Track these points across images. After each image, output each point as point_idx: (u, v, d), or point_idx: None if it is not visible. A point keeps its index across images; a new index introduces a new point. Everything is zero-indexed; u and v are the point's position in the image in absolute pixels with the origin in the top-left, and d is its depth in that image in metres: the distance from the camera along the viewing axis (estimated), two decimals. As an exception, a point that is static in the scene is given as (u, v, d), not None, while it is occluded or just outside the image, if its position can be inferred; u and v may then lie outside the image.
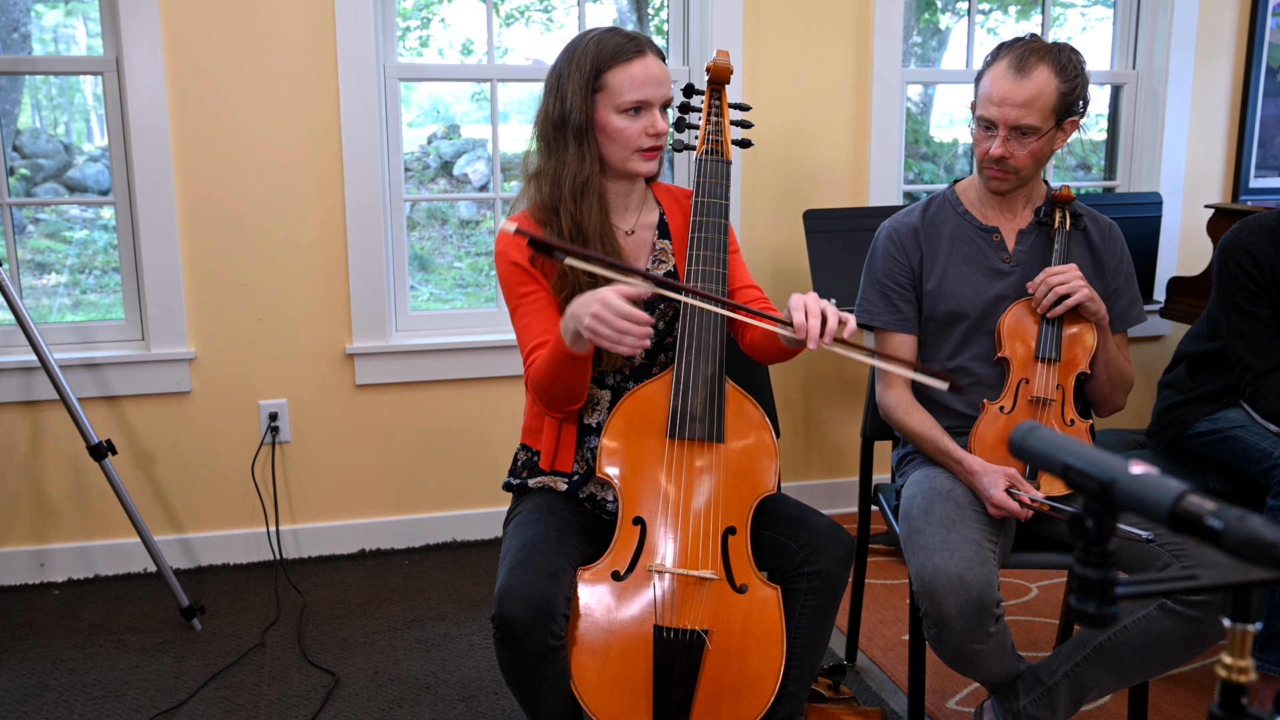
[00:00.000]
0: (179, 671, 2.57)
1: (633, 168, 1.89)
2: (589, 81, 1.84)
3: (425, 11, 3.83)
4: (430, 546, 3.34)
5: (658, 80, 1.85)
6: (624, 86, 1.83)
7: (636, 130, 1.85)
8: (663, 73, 1.87)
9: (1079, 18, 4.01)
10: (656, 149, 1.89)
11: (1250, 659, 0.77)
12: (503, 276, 1.91)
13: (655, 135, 1.86)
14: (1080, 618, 0.73)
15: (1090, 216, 2.19)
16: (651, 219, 2.00)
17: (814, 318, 1.64)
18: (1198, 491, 0.72)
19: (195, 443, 3.13)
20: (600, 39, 1.85)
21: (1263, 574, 0.69)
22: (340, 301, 3.16)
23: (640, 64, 1.84)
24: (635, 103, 1.83)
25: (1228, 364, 2.45)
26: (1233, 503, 2.27)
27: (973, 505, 1.99)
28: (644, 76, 1.83)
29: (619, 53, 1.83)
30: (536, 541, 1.78)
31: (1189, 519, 0.69)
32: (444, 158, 4.84)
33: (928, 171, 4.21)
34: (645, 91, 1.83)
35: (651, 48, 1.87)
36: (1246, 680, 0.76)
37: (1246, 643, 0.76)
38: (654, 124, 1.85)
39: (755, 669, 1.78)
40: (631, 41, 1.85)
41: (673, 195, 2.05)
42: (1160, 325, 3.83)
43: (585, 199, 1.87)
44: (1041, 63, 1.99)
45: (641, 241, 1.98)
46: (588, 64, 1.84)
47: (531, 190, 1.92)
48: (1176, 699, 2.45)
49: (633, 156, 1.87)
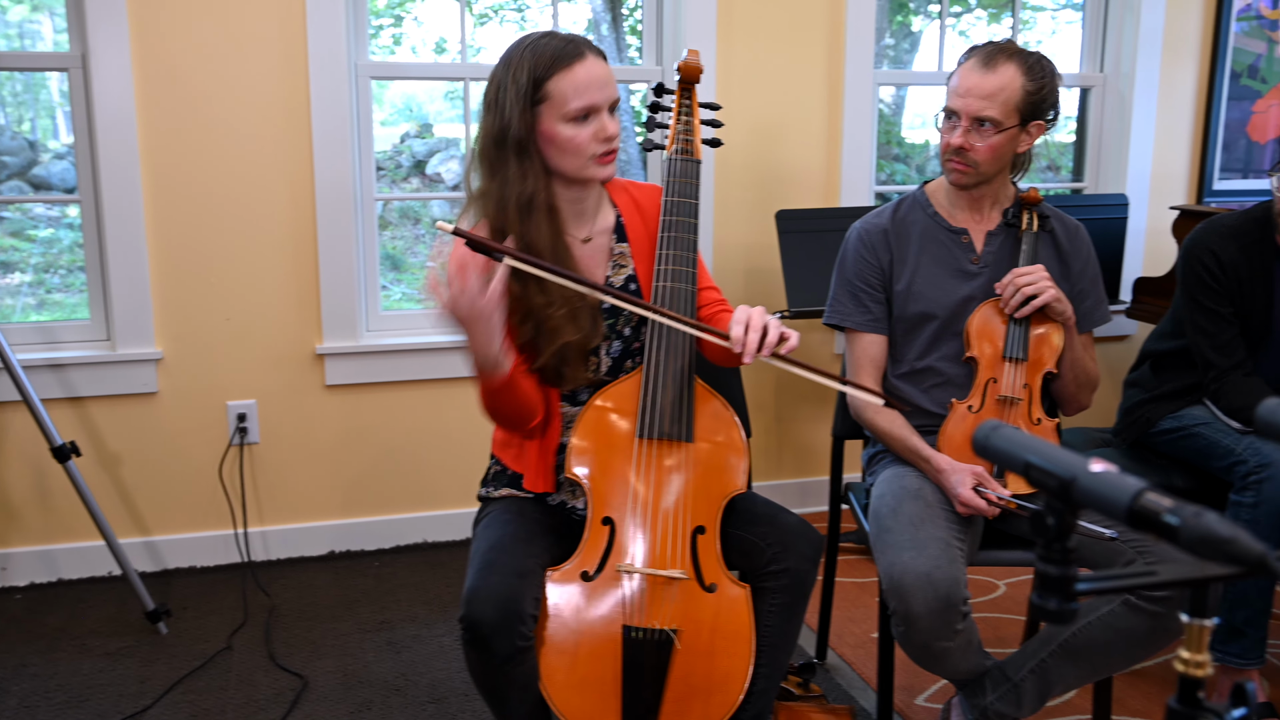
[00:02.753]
0: (144, 676, 2.54)
1: (590, 175, 1.83)
2: (528, 94, 1.76)
3: (398, 10, 3.81)
4: (401, 548, 3.32)
5: (601, 82, 1.78)
6: (568, 94, 1.76)
7: (587, 137, 1.78)
8: (605, 73, 1.80)
9: (1049, 21, 4.05)
10: (610, 153, 1.83)
11: (1207, 653, 0.78)
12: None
13: (607, 139, 1.80)
14: (1041, 614, 0.74)
15: (1057, 218, 2.21)
16: (608, 223, 1.96)
17: (753, 332, 1.65)
18: (1156, 489, 0.73)
19: (162, 444, 3.09)
20: (535, 46, 1.78)
21: (1219, 570, 0.70)
22: (310, 301, 3.14)
23: (582, 67, 1.76)
24: (582, 109, 1.76)
25: (1191, 362, 2.48)
26: (1197, 499, 2.29)
27: (941, 504, 2.00)
28: (587, 80, 1.76)
29: (558, 59, 1.76)
30: (505, 542, 1.77)
31: (1146, 516, 0.70)
32: (417, 156, 4.82)
33: (900, 172, 4.24)
34: (591, 96, 1.76)
35: (590, 48, 1.80)
36: (1204, 674, 0.77)
37: (1204, 637, 0.77)
38: (604, 128, 1.79)
39: (724, 668, 1.78)
40: (569, 45, 1.77)
41: (630, 195, 1.99)
42: (1126, 325, 3.87)
43: (532, 217, 1.80)
44: (1010, 60, 2.01)
45: (598, 248, 1.94)
46: (525, 75, 1.76)
47: (474, 211, 1.86)
48: (1140, 693, 2.48)
49: (588, 164, 1.81)
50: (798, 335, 1.69)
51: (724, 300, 2.00)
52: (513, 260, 1.66)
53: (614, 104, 1.82)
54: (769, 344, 1.65)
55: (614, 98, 1.82)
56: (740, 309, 1.70)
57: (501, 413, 1.82)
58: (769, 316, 1.68)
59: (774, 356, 1.68)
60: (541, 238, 1.81)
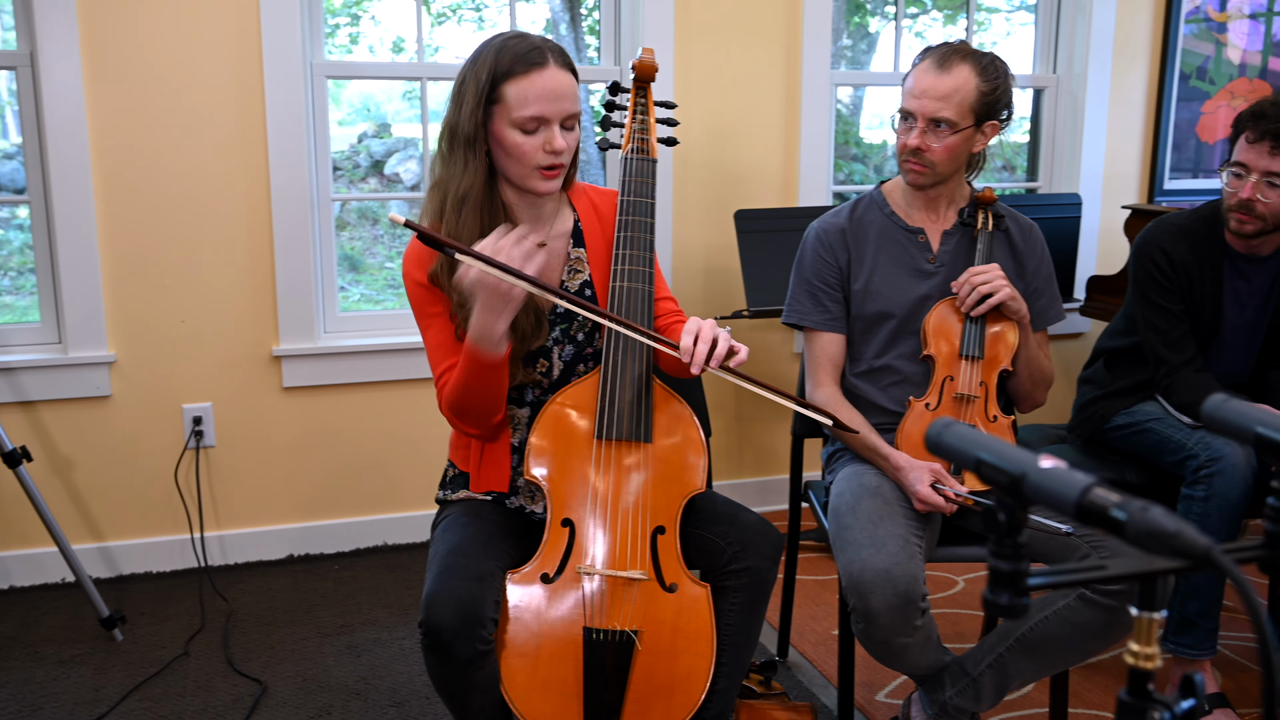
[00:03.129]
0: (99, 684, 2.50)
1: (531, 186, 1.81)
2: (485, 92, 1.74)
3: (355, 8, 3.78)
4: (360, 550, 3.29)
5: (557, 94, 1.74)
6: (519, 100, 1.73)
7: (533, 147, 1.75)
8: (565, 86, 1.76)
9: (1003, 22, 4.10)
10: (556, 167, 1.80)
11: (1157, 646, 0.79)
12: (410, 297, 1.85)
13: (553, 153, 1.76)
14: (993, 609, 0.75)
15: (1012, 217, 2.23)
16: (565, 227, 1.94)
17: (703, 343, 1.65)
18: (1104, 484, 0.74)
19: (116, 448, 3.05)
20: (502, 46, 1.76)
21: (1166, 563, 0.71)
22: (267, 303, 3.10)
23: (539, 77, 1.73)
24: (531, 118, 1.73)
25: (1144, 359, 2.52)
26: (1151, 494, 2.32)
27: (899, 501, 2.02)
28: (541, 90, 1.73)
29: (518, 62, 1.73)
30: (464, 545, 1.76)
31: (1095, 510, 0.71)
32: (375, 156, 4.78)
33: (858, 172, 4.27)
34: (541, 107, 1.73)
35: (557, 57, 1.76)
36: (1153, 667, 0.79)
37: (1152, 630, 0.79)
38: (551, 141, 1.75)
39: (686, 667, 1.78)
40: (534, 51, 1.74)
41: (590, 200, 1.98)
42: (1080, 323, 3.93)
43: (462, 213, 1.79)
44: (964, 62, 2.03)
45: (554, 252, 1.92)
46: (485, 73, 1.74)
47: (433, 202, 1.85)
48: (1096, 685, 2.51)
49: (531, 174, 1.78)
50: (747, 350, 1.69)
51: (680, 312, 1.99)
52: (462, 256, 1.63)
53: (569, 118, 1.78)
54: (717, 356, 1.66)
55: (568, 112, 1.77)
56: (692, 320, 1.70)
57: (474, 403, 1.77)
58: (720, 329, 1.69)
59: (723, 369, 1.69)
60: (468, 235, 1.77)
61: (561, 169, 1.81)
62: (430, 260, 1.82)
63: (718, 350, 1.66)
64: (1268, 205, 2.28)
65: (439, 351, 1.83)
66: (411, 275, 1.84)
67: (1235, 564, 0.69)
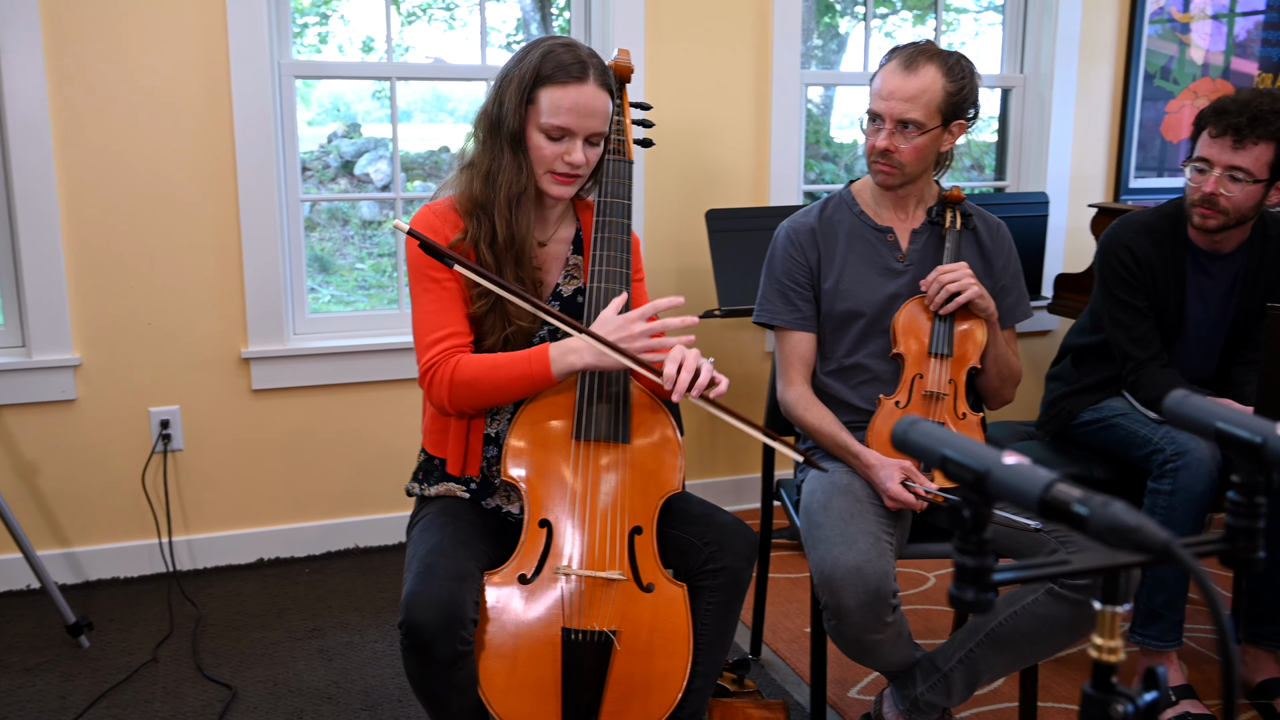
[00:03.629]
0: (65, 691, 2.48)
1: (543, 186, 1.87)
2: (525, 92, 1.81)
3: (324, 7, 3.75)
4: (332, 553, 3.27)
5: (587, 111, 1.81)
6: (551, 108, 1.80)
7: (553, 153, 1.82)
8: (598, 104, 1.82)
9: (971, 23, 4.13)
10: (570, 177, 1.85)
11: (1119, 639, 0.80)
12: (411, 259, 1.86)
13: (570, 164, 1.83)
14: (959, 604, 0.76)
15: (980, 216, 2.25)
16: (568, 234, 1.99)
17: (686, 372, 1.70)
18: (1067, 480, 0.75)
19: (81, 453, 3.01)
20: (549, 52, 1.81)
21: (1128, 558, 0.72)
22: (235, 304, 3.08)
23: (574, 90, 1.79)
24: (556, 127, 1.80)
25: (1110, 355, 2.55)
26: (1118, 488, 2.34)
27: (870, 498, 2.03)
28: (572, 104, 1.79)
29: (557, 73, 1.79)
30: (444, 546, 1.76)
31: (1057, 506, 0.72)
32: (345, 157, 4.75)
33: (829, 172, 4.29)
34: (568, 119, 1.80)
35: (598, 75, 1.82)
36: (1116, 660, 0.80)
37: (1116, 624, 0.80)
38: (570, 152, 1.82)
39: (663, 667, 1.79)
40: (575, 65, 1.80)
41: (591, 210, 2.02)
42: (1048, 320, 3.97)
43: (521, 209, 1.85)
44: (930, 62, 2.05)
45: (554, 255, 1.97)
46: (529, 74, 1.81)
47: (463, 180, 1.89)
48: (1065, 679, 2.54)
49: (544, 176, 1.85)
50: (727, 382, 1.74)
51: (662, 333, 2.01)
52: (462, 269, 1.72)
53: (594, 136, 1.84)
54: (699, 385, 1.70)
55: (594, 130, 1.83)
56: (677, 348, 1.74)
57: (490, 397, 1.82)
58: (704, 360, 1.73)
59: (703, 399, 1.72)
60: (525, 232, 1.85)
61: (576, 179, 1.87)
62: (453, 231, 1.87)
63: (700, 380, 1.70)
64: (1230, 200, 2.31)
65: (437, 318, 1.84)
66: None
67: (1195, 557, 0.70)
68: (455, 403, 1.82)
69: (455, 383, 1.80)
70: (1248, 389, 2.43)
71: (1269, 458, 0.86)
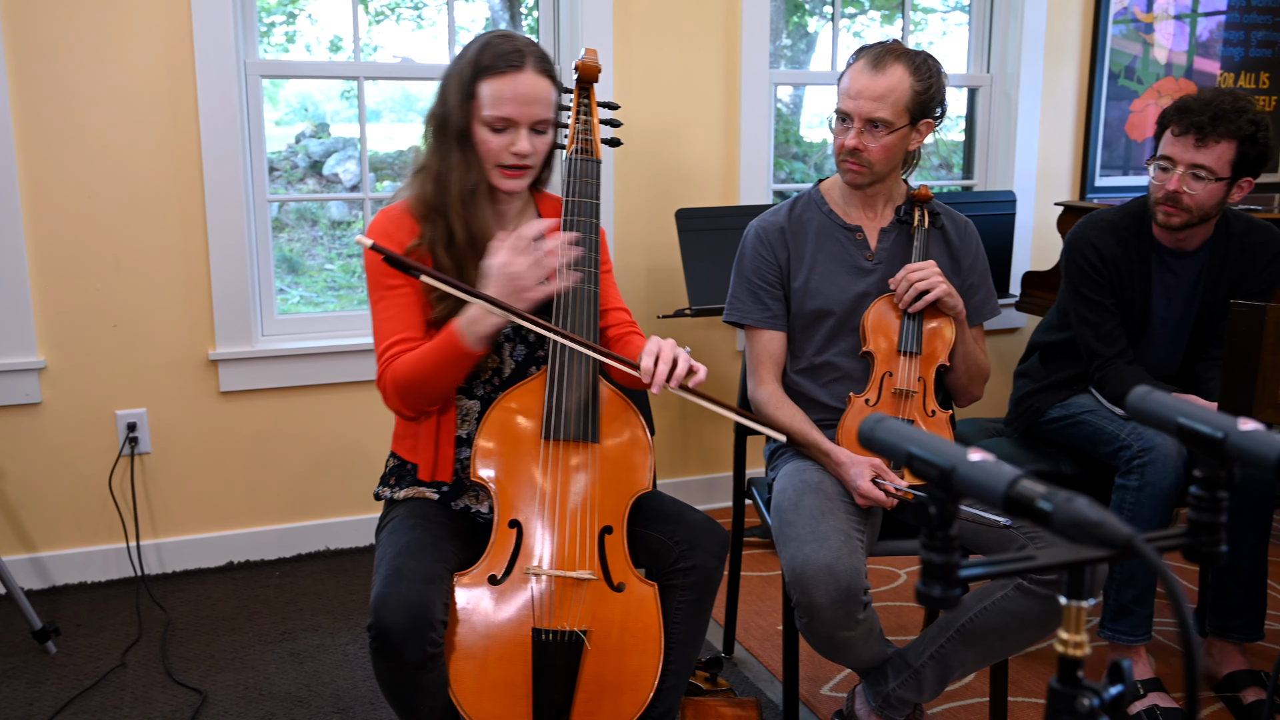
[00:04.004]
0: (32, 698, 2.44)
1: (492, 181, 1.86)
2: (466, 87, 1.80)
3: (291, 6, 3.73)
4: (302, 556, 3.25)
5: (528, 99, 1.80)
6: (492, 100, 1.79)
7: (499, 146, 1.81)
8: (539, 91, 1.81)
9: (939, 22, 4.16)
10: (519, 169, 1.84)
11: (1085, 634, 0.81)
12: (369, 266, 1.88)
13: (516, 155, 1.82)
14: (926, 600, 0.76)
15: (947, 215, 2.27)
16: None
17: (663, 363, 1.70)
18: (1031, 476, 0.75)
19: (47, 456, 2.97)
20: (486, 44, 1.81)
21: (1092, 553, 0.73)
22: (202, 306, 3.05)
23: (511, 80, 1.78)
24: (497, 119, 1.80)
25: (1077, 353, 2.57)
26: (1086, 484, 2.36)
27: (841, 496, 2.04)
28: (511, 94, 1.78)
29: (494, 64, 1.79)
30: (412, 548, 1.75)
31: (1022, 502, 0.73)
32: (313, 157, 4.72)
33: (798, 171, 4.31)
34: (508, 109, 1.79)
35: (536, 62, 1.81)
36: (1082, 654, 0.80)
37: (1081, 618, 0.80)
38: (515, 143, 1.81)
39: (634, 666, 1.79)
40: (512, 54, 1.79)
41: (555, 207, 2.02)
42: (1016, 318, 4.00)
43: (475, 205, 1.84)
44: (898, 62, 2.06)
45: None
46: (468, 69, 1.80)
47: (416, 183, 1.89)
48: (1035, 674, 2.56)
49: (492, 170, 1.84)
50: (705, 370, 1.73)
51: (634, 323, 2.03)
52: (429, 279, 1.71)
53: (538, 123, 1.83)
54: (677, 376, 1.70)
55: (537, 118, 1.82)
56: (652, 340, 1.74)
57: (429, 388, 1.80)
58: (680, 350, 1.73)
59: (682, 389, 1.72)
60: (484, 228, 1.84)
61: (525, 171, 1.86)
62: (408, 237, 1.86)
63: (677, 371, 1.70)
64: (1193, 197, 2.34)
65: (391, 324, 1.85)
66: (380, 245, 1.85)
67: (1157, 552, 0.71)
68: (406, 403, 1.83)
69: (398, 384, 1.81)
70: (1212, 385, 2.46)
71: (1230, 453, 0.87)
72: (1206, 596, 2.54)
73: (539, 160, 1.88)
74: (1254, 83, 4.27)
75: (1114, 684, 0.82)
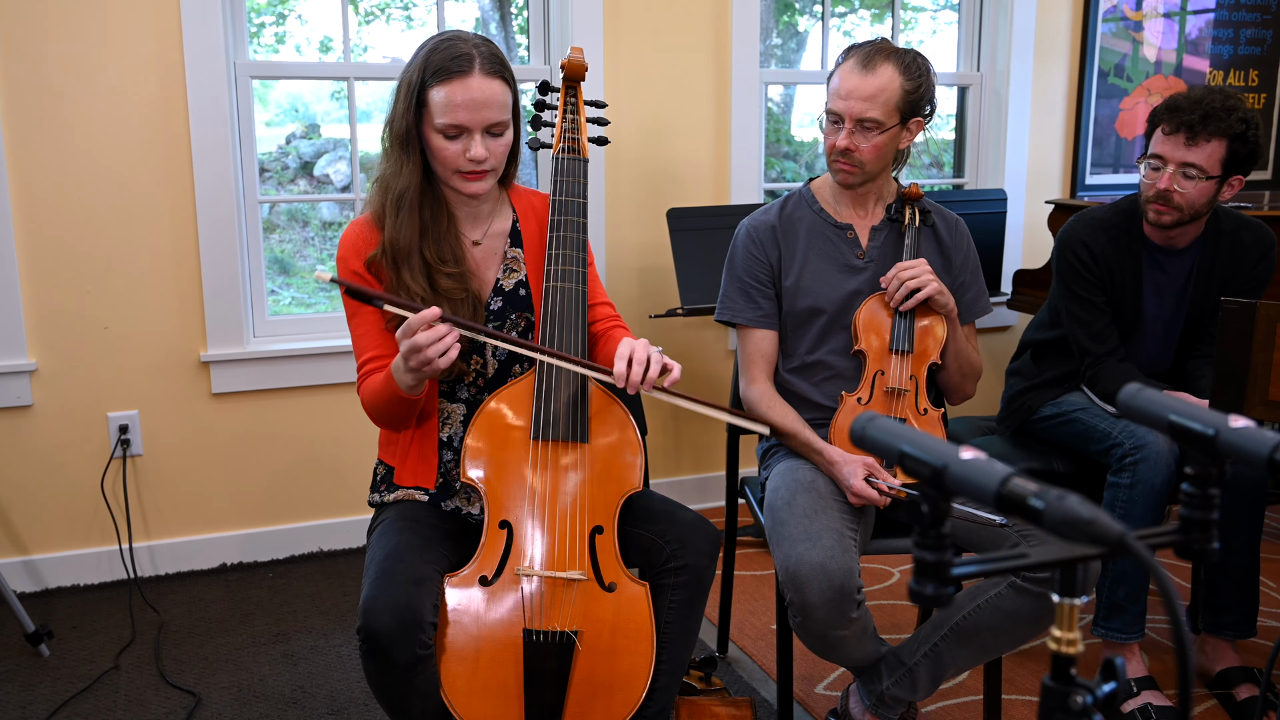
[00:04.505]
0: (25, 701, 2.44)
1: (454, 186, 1.84)
2: (414, 95, 1.78)
3: (281, 7, 3.72)
4: (295, 558, 3.24)
5: (478, 104, 1.75)
6: (441, 107, 1.75)
7: (454, 152, 1.79)
8: (489, 95, 1.76)
9: (929, 21, 4.17)
10: (478, 173, 1.82)
11: (1077, 632, 0.81)
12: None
13: (473, 161, 1.79)
14: (919, 599, 0.76)
15: (938, 213, 2.27)
16: (503, 227, 1.97)
17: (636, 365, 1.70)
18: (1023, 474, 0.75)
19: (39, 459, 2.96)
20: (433, 49, 1.78)
21: (1084, 550, 0.73)
22: (193, 308, 3.04)
23: (462, 85, 1.74)
24: (449, 126, 1.76)
25: (1069, 350, 2.58)
26: (1078, 482, 2.36)
27: (834, 495, 2.04)
28: (463, 100, 1.74)
29: (441, 70, 1.75)
30: (401, 550, 1.75)
31: (1014, 500, 0.73)
32: (304, 158, 4.71)
33: (789, 170, 4.31)
34: (458, 116, 1.75)
35: (485, 64, 1.76)
36: (1075, 652, 0.81)
37: (1074, 616, 0.81)
38: (469, 148, 1.78)
39: (626, 666, 1.79)
40: (460, 58, 1.75)
41: (529, 201, 2.01)
42: (1008, 316, 4.01)
43: (400, 214, 1.82)
44: (887, 61, 2.06)
45: (491, 250, 1.95)
46: (417, 75, 1.78)
47: (374, 192, 1.89)
48: (1029, 672, 2.57)
49: (453, 176, 1.82)
50: (680, 368, 1.73)
51: (618, 317, 2.03)
52: (391, 307, 1.71)
53: (494, 126, 1.80)
54: (650, 377, 1.70)
55: (490, 121, 1.78)
56: (624, 342, 1.74)
57: (388, 416, 1.84)
58: (652, 349, 1.72)
59: (658, 389, 1.72)
60: (406, 239, 1.82)
61: (485, 174, 1.83)
62: (368, 248, 1.86)
63: (650, 372, 1.70)
64: (1184, 196, 2.34)
65: (365, 340, 1.87)
66: (347, 261, 1.87)
67: (1149, 549, 0.71)
68: (378, 423, 1.89)
69: (365, 406, 1.86)
70: (1203, 382, 2.47)
71: (1222, 450, 0.87)
72: (1199, 593, 2.55)
73: (499, 161, 1.84)
74: (1243, 80, 4.29)
75: (1107, 681, 0.82)
